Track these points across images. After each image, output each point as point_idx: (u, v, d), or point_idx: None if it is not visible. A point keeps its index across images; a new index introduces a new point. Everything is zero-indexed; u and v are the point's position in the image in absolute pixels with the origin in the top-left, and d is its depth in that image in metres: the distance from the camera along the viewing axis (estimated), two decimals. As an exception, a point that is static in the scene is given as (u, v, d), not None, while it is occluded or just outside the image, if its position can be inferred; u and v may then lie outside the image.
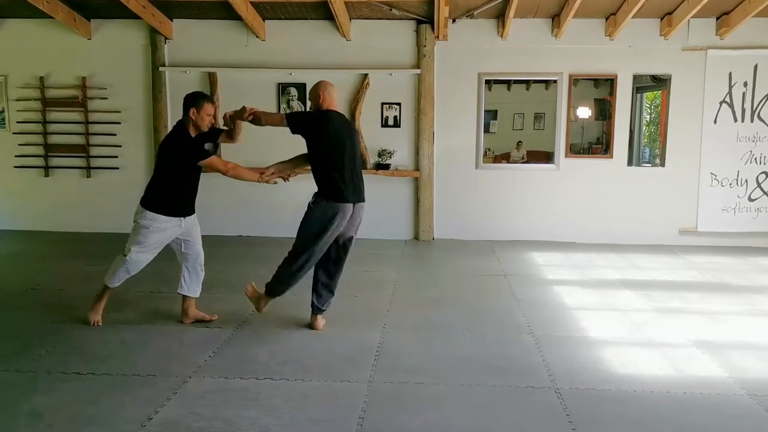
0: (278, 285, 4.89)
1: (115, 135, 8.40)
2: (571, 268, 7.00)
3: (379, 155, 8.23)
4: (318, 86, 4.88)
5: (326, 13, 7.78)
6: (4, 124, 8.51)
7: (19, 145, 8.47)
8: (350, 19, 7.95)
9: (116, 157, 8.37)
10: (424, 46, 8.05)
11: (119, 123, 8.39)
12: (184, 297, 5.00)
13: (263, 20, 8.11)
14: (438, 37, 7.95)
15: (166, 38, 8.27)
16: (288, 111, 8.33)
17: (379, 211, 8.36)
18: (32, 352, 4.33)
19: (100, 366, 4.12)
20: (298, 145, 4.89)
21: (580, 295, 5.97)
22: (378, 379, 3.95)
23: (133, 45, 8.33)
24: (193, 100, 4.67)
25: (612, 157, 8.24)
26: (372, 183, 8.27)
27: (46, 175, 8.50)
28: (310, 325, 4.93)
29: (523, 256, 7.51)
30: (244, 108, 4.72)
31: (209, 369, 4.11)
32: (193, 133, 4.69)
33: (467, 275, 6.67)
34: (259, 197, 8.40)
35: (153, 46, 8.28)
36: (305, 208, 8.40)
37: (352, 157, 4.84)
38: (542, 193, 8.31)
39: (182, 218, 4.80)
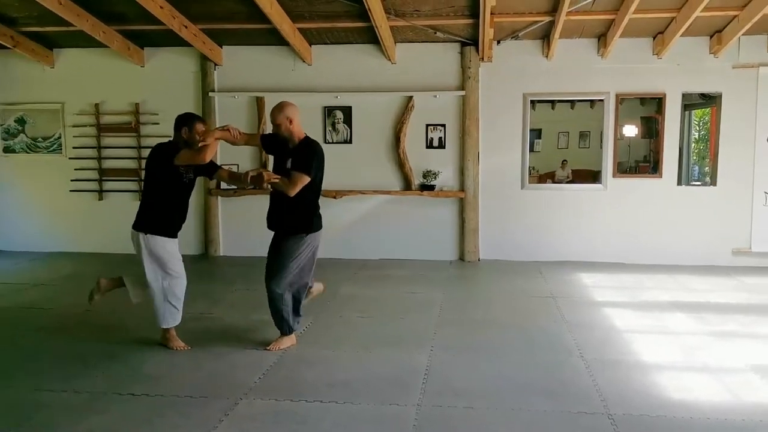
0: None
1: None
2: (620, 290, 6.89)
3: (424, 176, 8.25)
4: (285, 109, 4.71)
5: (372, 37, 7.88)
6: (61, 149, 8.81)
7: (75, 169, 8.76)
8: (395, 42, 8.03)
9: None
10: (469, 67, 8.08)
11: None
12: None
13: (310, 45, 8.25)
14: (483, 58, 7.98)
15: (215, 64, 8.48)
16: (331, 131, 8.43)
17: (423, 232, 8.41)
18: (89, 373, 4.45)
19: (154, 387, 4.20)
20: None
21: (630, 317, 5.86)
22: (427, 403, 3.94)
23: (184, 72, 8.56)
24: (186, 120, 4.75)
25: (661, 177, 8.11)
26: (416, 204, 8.35)
27: (100, 198, 8.77)
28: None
29: (571, 277, 7.41)
30: (261, 176, 4.63)
31: (259, 391, 4.15)
32: None
33: (514, 296, 6.62)
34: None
35: (203, 73, 8.50)
36: (351, 229, 8.53)
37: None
38: (589, 214, 8.22)
39: (176, 239, 4.87)
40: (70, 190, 8.80)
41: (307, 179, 4.63)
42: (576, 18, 7.15)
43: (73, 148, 8.78)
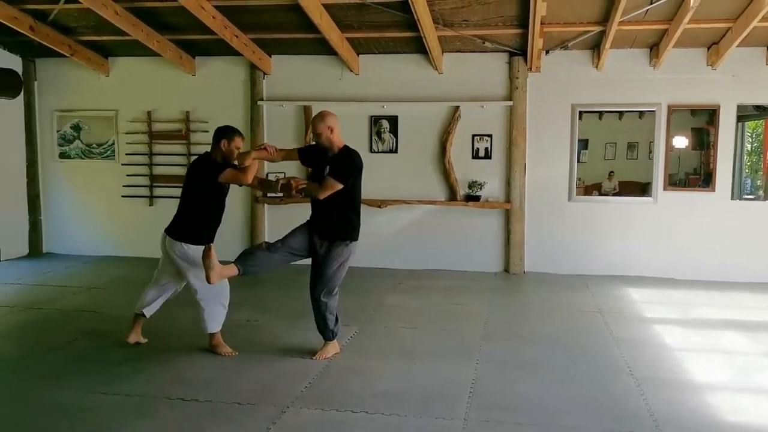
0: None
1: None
2: (670, 306, 6.73)
3: (470, 187, 8.21)
4: (327, 119, 4.74)
5: (419, 47, 7.89)
6: (114, 155, 9.03)
7: (127, 175, 8.96)
8: (442, 52, 8.02)
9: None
10: (517, 77, 8.02)
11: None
12: (141, 317, 5.11)
13: (357, 54, 8.30)
14: (531, 68, 7.91)
15: (264, 73, 8.59)
16: (377, 141, 8.45)
17: (468, 243, 8.36)
18: (139, 377, 4.53)
19: (202, 392, 4.26)
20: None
21: (681, 334, 5.73)
22: (473, 417, 3.90)
23: (234, 80, 8.69)
24: (226, 133, 4.83)
25: (714, 191, 7.92)
26: (461, 215, 8.31)
27: (151, 204, 8.95)
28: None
29: (619, 292, 7.27)
30: (290, 183, 4.70)
31: (306, 400, 4.17)
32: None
33: (561, 311, 6.52)
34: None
35: (252, 81, 8.62)
36: (395, 238, 8.53)
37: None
38: (638, 227, 8.06)
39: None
40: (122, 196, 9.00)
41: (338, 186, 4.65)
42: (628, 28, 7.04)
43: (126, 154, 8.98)
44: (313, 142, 4.89)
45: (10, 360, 4.91)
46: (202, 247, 4.75)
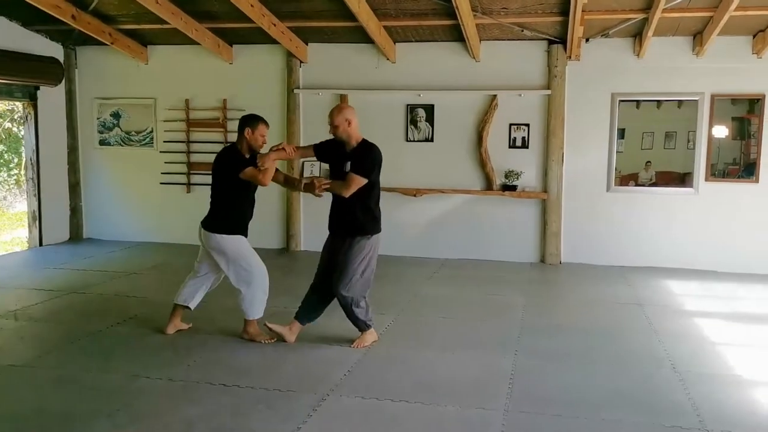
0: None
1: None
2: (711, 299, 6.62)
3: (506, 176, 8.14)
4: (344, 112, 4.79)
5: (457, 35, 7.83)
6: (153, 143, 9.14)
7: (165, 162, 9.06)
8: (480, 40, 7.94)
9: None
10: (556, 66, 7.91)
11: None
12: (180, 307, 5.15)
13: (394, 43, 8.26)
14: (570, 57, 7.80)
15: (301, 62, 8.60)
16: (413, 129, 8.42)
17: (503, 233, 8.31)
18: (181, 362, 4.60)
19: (243, 379, 4.31)
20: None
21: (723, 328, 5.63)
22: (514, 409, 3.89)
23: (271, 69, 8.72)
24: (250, 121, 4.86)
25: (758, 182, 7.74)
26: (497, 204, 8.25)
27: (188, 191, 9.04)
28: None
29: (658, 284, 7.17)
30: (313, 183, 4.77)
31: (345, 388, 4.20)
32: (246, 153, 4.86)
33: (599, 302, 6.46)
34: (383, 215, 8.51)
35: (289, 70, 8.64)
36: (430, 228, 8.52)
37: None
38: (679, 218, 7.93)
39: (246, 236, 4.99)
40: (161, 183, 9.11)
41: (363, 181, 4.67)
42: (671, 15, 6.89)
43: (164, 141, 9.08)
44: (331, 136, 4.89)
45: (57, 343, 5.02)
46: (237, 237, 4.83)
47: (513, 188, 8.14)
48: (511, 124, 8.19)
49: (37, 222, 8.93)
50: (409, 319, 5.77)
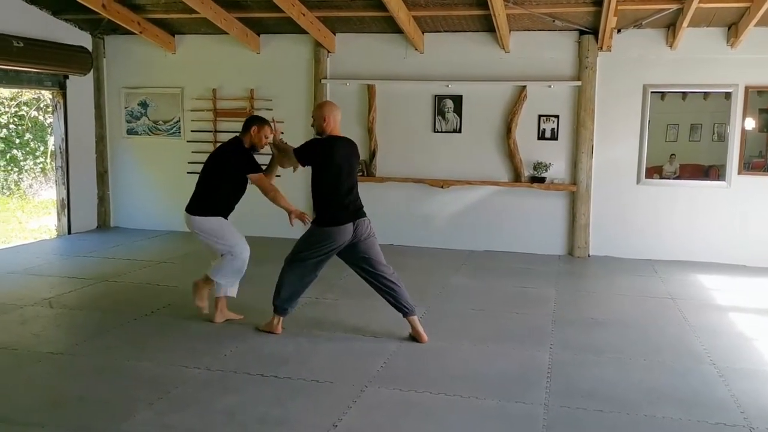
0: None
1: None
2: (745, 294, 6.53)
3: (535, 168, 8.08)
4: (324, 108, 4.87)
5: (486, 25, 7.76)
6: (180, 132, 9.16)
7: (192, 152, 9.07)
8: (510, 30, 7.87)
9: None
10: (587, 57, 7.82)
11: (282, 133, 8.71)
12: (217, 297, 5.24)
13: (423, 33, 8.21)
14: (601, 47, 7.71)
15: (328, 52, 8.57)
16: (441, 120, 8.39)
17: (531, 225, 8.26)
18: (218, 352, 4.62)
19: (280, 369, 4.32)
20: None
21: (759, 324, 5.56)
22: (554, 403, 3.87)
23: (298, 58, 8.70)
24: (258, 120, 5.05)
25: (791, 175, 7.64)
26: (525, 196, 8.21)
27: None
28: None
29: (689, 278, 7.10)
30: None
31: (383, 379, 4.19)
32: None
33: (631, 296, 6.40)
34: (410, 207, 8.53)
35: (316, 60, 8.61)
36: (458, 219, 8.49)
37: (352, 181, 4.87)
38: (710, 212, 7.83)
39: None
40: (188, 172, 9.09)
41: (294, 160, 4.80)
42: (707, 6, 6.79)
43: (191, 131, 9.11)
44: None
45: (93, 331, 5.06)
46: (216, 218, 5.00)
47: (541, 180, 8.08)
48: (540, 116, 8.12)
49: (66, 210, 8.99)
50: (441, 311, 5.75)
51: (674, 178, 8.19)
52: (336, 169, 4.75)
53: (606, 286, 6.82)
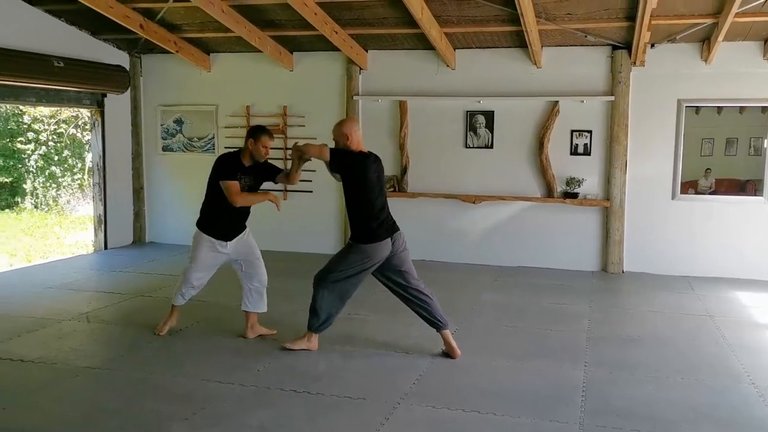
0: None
1: (310, 160, 8.86)
2: (785, 312, 6.40)
3: (567, 183, 8.03)
4: (344, 126, 4.78)
5: (518, 41, 7.77)
6: (214, 149, 9.29)
7: (226, 168, 9.18)
8: (542, 46, 7.86)
9: (310, 180, 8.75)
10: (620, 72, 7.77)
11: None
12: (247, 313, 5.27)
13: (454, 49, 8.24)
14: (635, 62, 7.65)
15: (360, 68, 8.64)
16: (472, 136, 8.39)
17: (564, 241, 8.19)
18: (250, 367, 4.66)
19: (313, 385, 4.33)
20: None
21: (801, 343, 5.43)
22: (590, 422, 3.82)
23: (331, 75, 8.78)
24: (253, 133, 4.99)
25: (832, 191, 7.47)
26: (558, 212, 8.15)
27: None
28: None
29: (728, 295, 6.96)
30: (296, 151, 4.86)
31: (415, 396, 4.18)
32: (247, 162, 5.01)
33: (667, 313, 6.30)
34: (442, 222, 8.52)
35: (348, 76, 8.69)
36: (490, 235, 8.44)
37: (384, 196, 4.91)
38: (748, 227, 7.69)
39: (227, 242, 5.13)
40: (221, 188, 9.24)
41: (326, 152, 4.64)
42: (743, 20, 6.70)
43: (225, 147, 9.20)
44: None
45: (130, 346, 5.14)
46: (201, 235, 5.13)
47: (574, 196, 8.02)
48: (572, 131, 8.08)
49: (103, 225, 9.17)
50: (473, 327, 5.73)
51: (710, 193, 8.07)
52: (371, 184, 4.77)
53: (641, 302, 6.73)
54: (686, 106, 7.84)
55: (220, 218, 5.12)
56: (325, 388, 4.29)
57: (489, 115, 8.32)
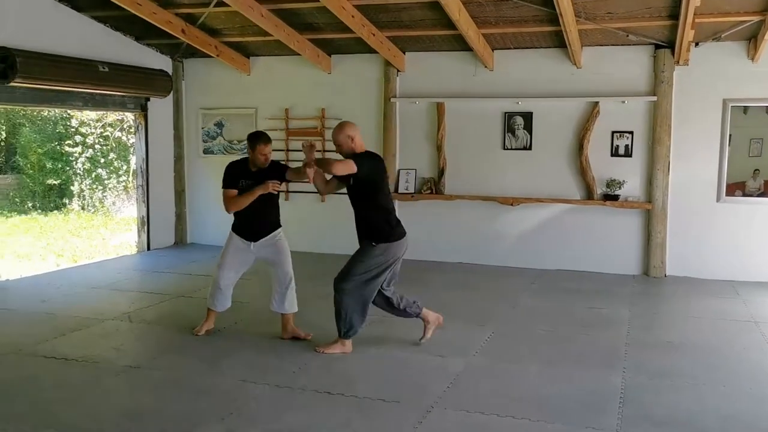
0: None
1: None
2: (835, 318, 6.18)
3: (608, 185, 7.90)
4: (346, 129, 4.80)
5: (557, 41, 7.68)
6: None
7: (265, 170, 9.30)
8: (582, 46, 7.75)
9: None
10: (662, 71, 7.62)
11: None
12: (282, 314, 5.33)
13: (492, 50, 8.18)
14: (678, 61, 7.49)
15: (398, 71, 8.65)
16: (510, 137, 8.32)
17: (604, 244, 8.07)
18: (286, 369, 4.70)
19: (347, 387, 4.35)
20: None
21: None
22: (627, 430, 3.75)
23: (368, 78, 8.81)
24: (249, 141, 5.15)
25: None
26: (598, 214, 8.04)
27: (286, 198, 9.23)
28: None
29: (774, 301, 6.78)
30: (305, 165, 4.77)
31: (449, 400, 4.17)
32: (253, 168, 5.13)
33: (710, 318, 6.16)
34: (479, 225, 8.46)
35: (386, 78, 8.71)
36: (528, 237, 8.33)
37: None
38: (798, 231, 7.47)
39: (251, 242, 5.23)
40: (260, 190, 9.35)
41: (351, 164, 4.61)
42: (791, 17, 6.52)
43: (264, 150, 9.33)
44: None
45: (170, 345, 5.24)
46: (231, 235, 5.31)
47: (615, 198, 7.89)
48: (613, 132, 7.95)
49: (146, 227, 9.36)
50: (510, 332, 5.68)
51: (758, 195, 7.85)
52: (387, 184, 4.96)
53: (683, 307, 6.59)
54: (732, 106, 7.64)
55: (244, 219, 5.25)
56: (359, 390, 4.30)
57: (527, 117, 8.25)
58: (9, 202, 15.52)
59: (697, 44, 7.43)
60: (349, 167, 4.63)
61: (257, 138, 5.13)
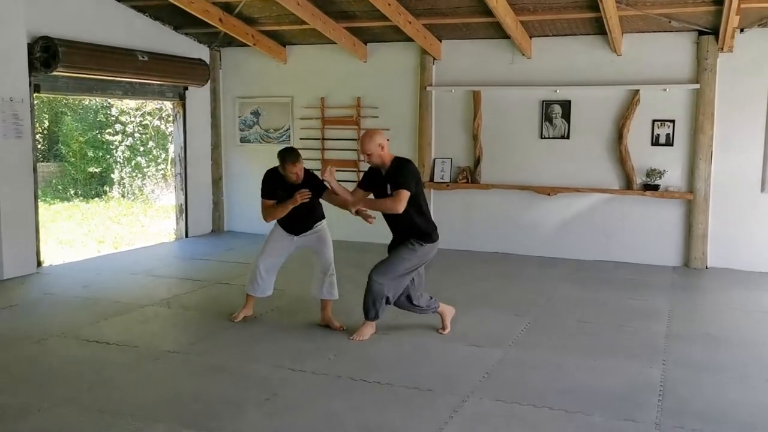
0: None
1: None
2: None
3: (648, 175, 7.76)
4: (375, 137, 4.85)
5: (597, 28, 7.55)
6: (290, 140, 9.45)
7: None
8: (623, 33, 7.60)
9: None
10: (706, 58, 7.44)
11: (388, 140, 8.85)
12: (321, 300, 5.37)
13: (530, 38, 8.08)
14: (722, 48, 7.30)
15: (434, 59, 8.60)
16: (548, 126, 8.20)
17: (644, 235, 7.94)
18: (322, 355, 4.73)
19: (383, 375, 4.36)
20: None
21: None
22: (667, 423, 3.69)
23: (404, 66, 8.78)
24: (280, 159, 5.20)
25: None
26: (637, 204, 7.91)
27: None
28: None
29: (820, 294, 6.60)
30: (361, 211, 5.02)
31: (485, 390, 4.15)
32: (289, 180, 5.19)
33: (752, 311, 6.03)
34: (516, 214, 8.39)
35: (422, 67, 8.66)
36: (565, 227, 8.25)
37: None
38: None
39: (293, 236, 5.36)
40: (296, 179, 9.40)
41: (406, 194, 4.70)
42: (842, 1, 6.31)
43: (300, 139, 9.37)
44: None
45: (207, 331, 5.31)
46: (275, 227, 5.47)
47: (655, 188, 7.75)
48: (654, 120, 7.80)
49: (184, 215, 9.49)
50: (547, 322, 5.63)
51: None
52: (421, 186, 5.03)
53: (725, 300, 6.46)
54: (779, 94, 7.43)
55: (287, 218, 5.32)
56: (395, 378, 4.31)
57: (565, 105, 8.13)
58: (52, 190, 15.85)
59: (742, 30, 7.24)
60: (404, 198, 4.71)
61: (284, 158, 5.17)
